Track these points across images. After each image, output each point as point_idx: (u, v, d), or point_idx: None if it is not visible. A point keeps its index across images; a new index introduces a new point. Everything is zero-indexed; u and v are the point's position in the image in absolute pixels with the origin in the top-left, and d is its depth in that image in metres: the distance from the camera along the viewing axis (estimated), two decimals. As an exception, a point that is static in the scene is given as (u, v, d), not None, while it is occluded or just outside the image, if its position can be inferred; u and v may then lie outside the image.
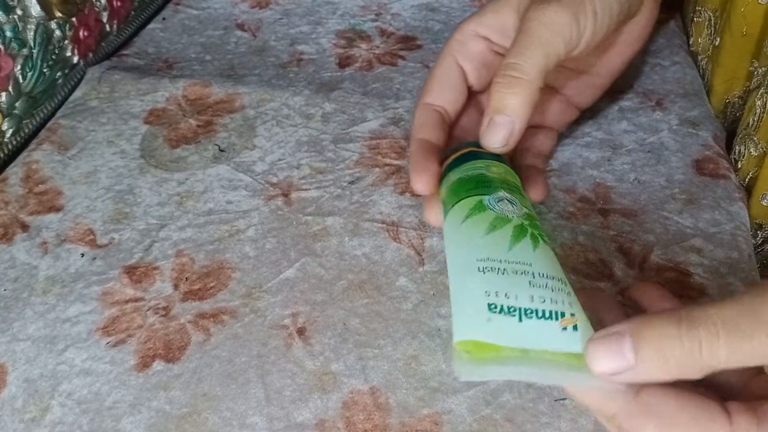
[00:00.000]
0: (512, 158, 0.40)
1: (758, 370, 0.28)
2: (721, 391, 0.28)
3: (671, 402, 0.25)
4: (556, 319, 0.26)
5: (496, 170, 0.35)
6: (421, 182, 0.35)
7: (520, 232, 0.30)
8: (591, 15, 0.35)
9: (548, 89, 0.42)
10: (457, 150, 0.36)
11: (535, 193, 0.38)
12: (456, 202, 0.33)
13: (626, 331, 0.24)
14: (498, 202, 0.32)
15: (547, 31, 0.34)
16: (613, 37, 0.39)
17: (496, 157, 0.36)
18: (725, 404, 0.25)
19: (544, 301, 0.27)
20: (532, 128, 0.41)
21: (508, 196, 0.32)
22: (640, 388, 0.25)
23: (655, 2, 0.40)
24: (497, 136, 0.34)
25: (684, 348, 0.23)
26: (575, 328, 0.26)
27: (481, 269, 0.28)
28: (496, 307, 0.27)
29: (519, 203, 0.32)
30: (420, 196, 0.44)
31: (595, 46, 0.37)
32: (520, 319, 0.26)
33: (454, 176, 0.35)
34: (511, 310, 0.27)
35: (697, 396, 0.25)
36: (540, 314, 0.27)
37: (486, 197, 0.32)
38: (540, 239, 0.30)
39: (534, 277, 0.28)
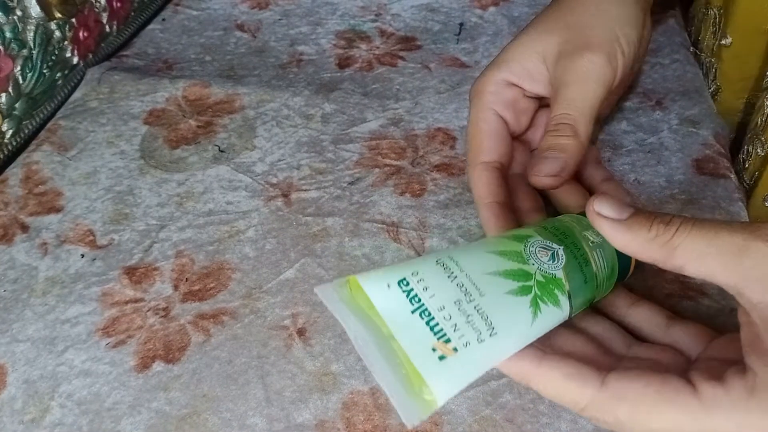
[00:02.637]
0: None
1: (713, 335, 0.30)
2: (682, 356, 0.30)
3: (636, 383, 0.26)
4: (438, 338, 0.26)
5: (591, 237, 0.31)
6: None
7: (517, 274, 0.28)
8: (620, 53, 0.37)
9: None
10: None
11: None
12: (518, 227, 0.32)
13: (631, 205, 0.28)
14: (540, 248, 0.29)
15: (587, 81, 0.36)
16: None
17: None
18: (688, 376, 0.26)
19: (447, 319, 0.26)
20: None
21: (561, 253, 0.29)
22: (604, 378, 0.27)
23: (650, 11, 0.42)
24: (550, 167, 0.35)
25: (666, 226, 0.26)
26: (441, 358, 0.26)
27: (438, 261, 0.28)
28: (405, 285, 0.27)
29: (564, 267, 0.29)
30: (421, 196, 0.44)
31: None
32: (413, 312, 0.26)
33: (560, 216, 0.34)
34: (414, 299, 0.27)
35: (661, 374, 0.26)
36: (431, 323, 0.26)
37: (536, 238, 0.30)
38: (533, 300, 0.28)
39: (469, 302, 0.27)
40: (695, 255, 0.25)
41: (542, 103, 0.41)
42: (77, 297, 0.39)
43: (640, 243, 0.27)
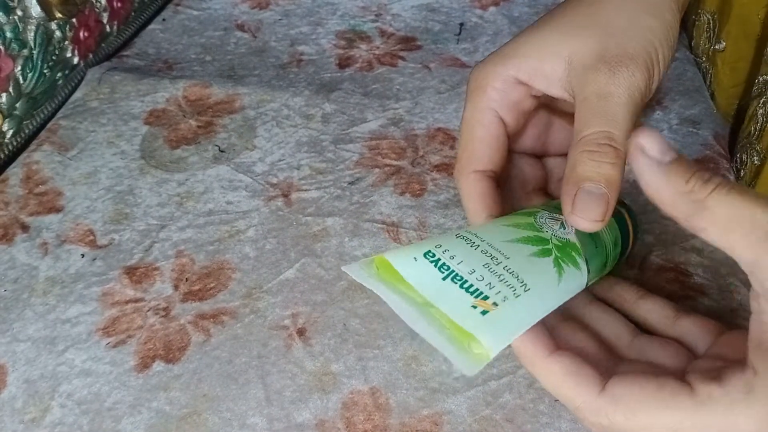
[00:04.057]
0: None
1: (723, 329, 0.30)
2: (689, 351, 0.30)
3: (634, 388, 0.26)
4: (476, 297, 0.26)
5: None
6: None
7: (534, 240, 0.29)
8: (656, 73, 0.33)
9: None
10: None
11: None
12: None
13: (675, 149, 0.26)
14: (549, 218, 0.30)
15: (632, 94, 0.31)
16: None
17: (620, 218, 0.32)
18: (686, 377, 0.26)
19: (480, 280, 0.27)
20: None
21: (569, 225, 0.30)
22: (605, 384, 0.27)
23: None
24: (596, 207, 0.29)
25: (704, 185, 0.25)
26: (484, 312, 0.26)
27: (458, 235, 0.29)
28: (432, 257, 0.28)
29: (575, 233, 0.30)
30: (421, 196, 0.44)
31: None
32: (444, 278, 0.27)
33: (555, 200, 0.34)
34: (443, 267, 0.27)
35: (658, 377, 0.26)
36: (465, 285, 0.27)
37: (544, 212, 0.31)
38: (555, 261, 0.28)
39: (497, 264, 0.27)
40: (722, 222, 0.25)
41: (542, 100, 0.38)
42: (77, 297, 0.39)
43: (674, 193, 0.26)
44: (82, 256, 0.41)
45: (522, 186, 0.37)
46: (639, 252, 0.39)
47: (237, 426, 0.33)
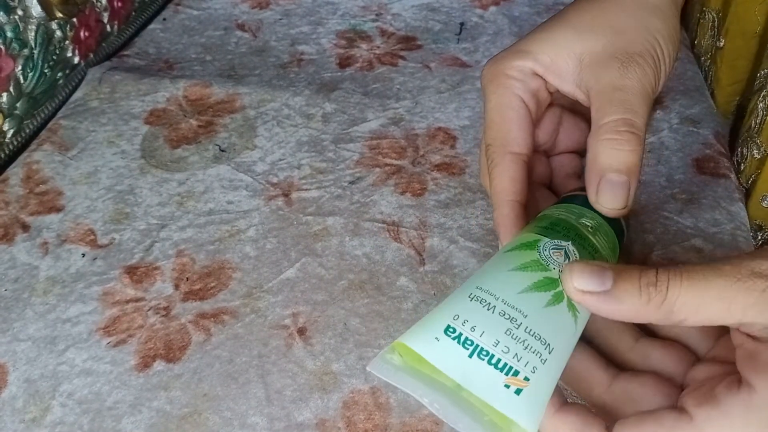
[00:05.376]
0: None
1: (723, 330, 0.29)
2: (689, 351, 0.30)
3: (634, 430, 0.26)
4: (507, 374, 0.26)
5: (588, 222, 0.31)
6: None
7: (545, 284, 0.28)
8: (663, 60, 0.34)
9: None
10: (574, 192, 0.34)
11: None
12: (522, 233, 0.31)
13: (609, 266, 0.26)
14: (552, 249, 0.29)
15: (644, 87, 0.32)
16: None
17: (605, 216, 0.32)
18: (682, 402, 0.27)
19: (506, 352, 0.26)
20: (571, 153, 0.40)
21: (571, 249, 0.29)
22: None
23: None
24: (619, 196, 0.31)
25: (656, 288, 0.25)
26: (518, 391, 0.25)
27: (471, 296, 0.27)
28: (452, 333, 0.26)
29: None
30: (422, 196, 0.44)
31: None
32: (471, 355, 0.26)
33: (547, 210, 0.33)
34: (467, 342, 0.26)
35: (655, 413, 0.27)
36: (493, 361, 0.26)
37: (545, 240, 0.30)
38: (568, 304, 0.28)
39: (518, 328, 0.26)
40: (694, 309, 0.25)
41: (554, 98, 0.39)
42: (78, 296, 0.39)
43: (635, 310, 0.26)
44: (83, 255, 0.41)
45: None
46: (640, 251, 0.39)
47: (237, 425, 0.33)
